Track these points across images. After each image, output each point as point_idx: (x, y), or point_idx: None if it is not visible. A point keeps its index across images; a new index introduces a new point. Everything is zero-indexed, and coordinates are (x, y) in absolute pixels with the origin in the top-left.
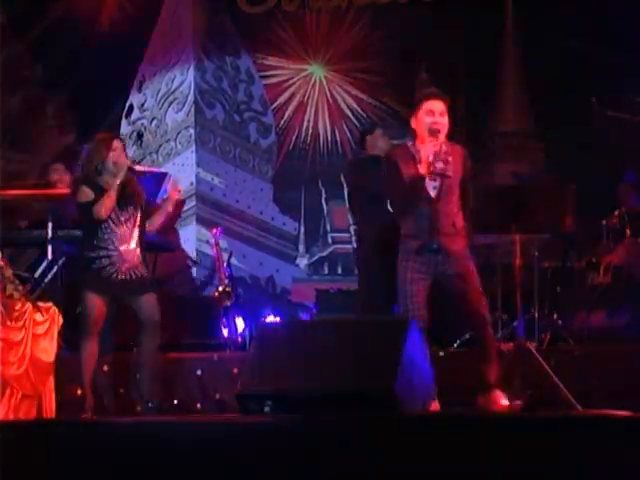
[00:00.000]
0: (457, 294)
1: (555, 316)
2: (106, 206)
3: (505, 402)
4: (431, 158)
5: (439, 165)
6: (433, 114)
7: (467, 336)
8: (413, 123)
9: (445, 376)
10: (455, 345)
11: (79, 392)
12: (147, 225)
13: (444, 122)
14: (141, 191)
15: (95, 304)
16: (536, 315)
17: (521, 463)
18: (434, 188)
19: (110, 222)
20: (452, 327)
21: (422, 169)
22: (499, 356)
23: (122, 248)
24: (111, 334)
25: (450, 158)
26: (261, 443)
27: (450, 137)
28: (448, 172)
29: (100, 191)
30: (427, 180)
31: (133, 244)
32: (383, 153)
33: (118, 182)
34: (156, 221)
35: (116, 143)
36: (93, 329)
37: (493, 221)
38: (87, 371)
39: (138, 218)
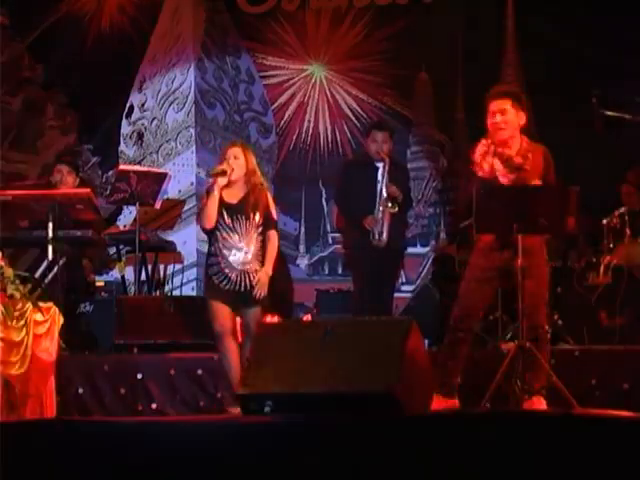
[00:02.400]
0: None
1: (555, 316)
2: (205, 216)
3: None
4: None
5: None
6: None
7: None
8: None
9: None
10: None
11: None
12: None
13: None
14: (263, 201)
15: (217, 309)
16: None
17: (521, 463)
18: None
19: (222, 230)
20: None
21: None
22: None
23: (232, 257)
24: (112, 334)
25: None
26: (261, 443)
27: (450, 137)
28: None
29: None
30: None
31: (243, 253)
32: (374, 156)
33: (213, 193)
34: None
35: (230, 151)
36: (223, 330)
37: (494, 221)
38: (234, 371)
39: (252, 229)
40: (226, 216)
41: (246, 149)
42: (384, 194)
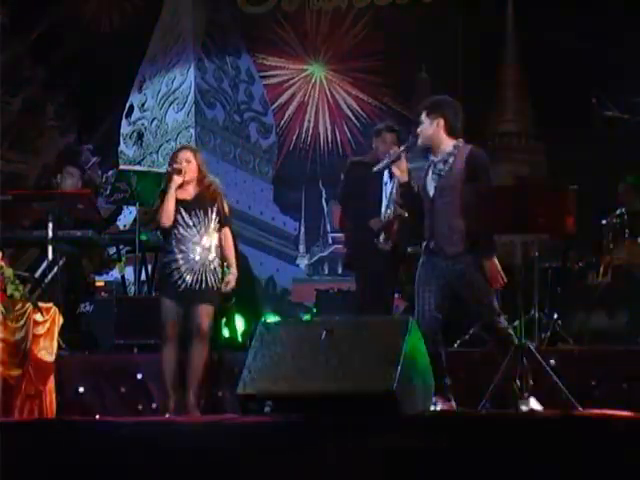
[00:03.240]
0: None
1: (555, 316)
2: (164, 212)
3: (537, 406)
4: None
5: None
6: None
7: (467, 337)
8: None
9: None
10: (455, 345)
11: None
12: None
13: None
14: (218, 199)
15: (166, 309)
16: (536, 315)
17: (521, 463)
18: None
19: (179, 227)
20: (453, 327)
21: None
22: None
23: (192, 253)
24: (112, 334)
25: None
26: (261, 443)
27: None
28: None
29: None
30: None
31: (202, 249)
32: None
33: (170, 191)
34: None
35: (182, 155)
36: (167, 333)
37: (493, 221)
38: (166, 376)
39: (210, 225)
40: (183, 212)
41: (196, 152)
42: (394, 196)
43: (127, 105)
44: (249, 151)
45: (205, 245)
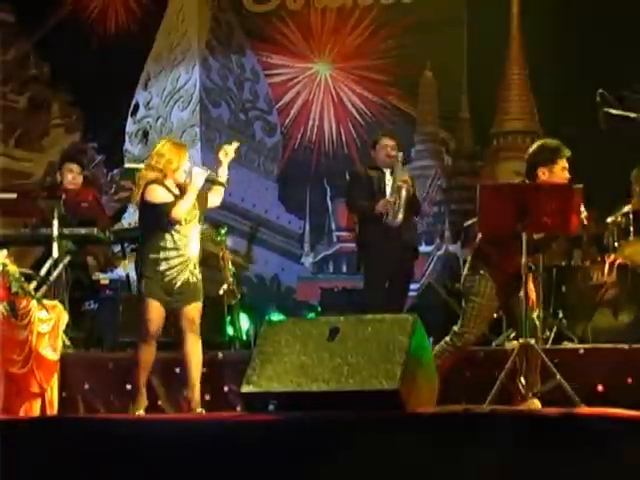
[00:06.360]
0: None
1: (560, 315)
2: (183, 209)
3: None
4: None
5: None
6: None
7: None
8: None
9: (449, 374)
10: None
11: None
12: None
13: None
14: (204, 197)
15: (155, 309)
16: (541, 314)
17: (522, 462)
18: None
19: (178, 225)
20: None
21: None
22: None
23: (191, 249)
24: (117, 331)
25: None
26: (264, 442)
27: (455, 136)
28: None
29: (170, 193)
30: None
31: (195, 243)
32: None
33: (197, 188)
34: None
35: (188, 154)
36: (152, 333)
37: (497, 220)
38: (145, 374)
39: (197, 218)
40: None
41: None
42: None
43: (132, 103)
44: (254, 149)
45: (195, 242)
